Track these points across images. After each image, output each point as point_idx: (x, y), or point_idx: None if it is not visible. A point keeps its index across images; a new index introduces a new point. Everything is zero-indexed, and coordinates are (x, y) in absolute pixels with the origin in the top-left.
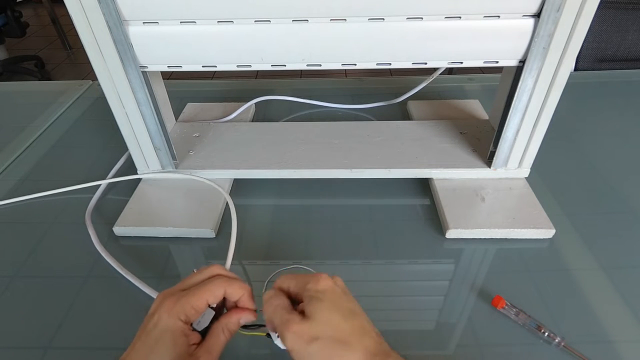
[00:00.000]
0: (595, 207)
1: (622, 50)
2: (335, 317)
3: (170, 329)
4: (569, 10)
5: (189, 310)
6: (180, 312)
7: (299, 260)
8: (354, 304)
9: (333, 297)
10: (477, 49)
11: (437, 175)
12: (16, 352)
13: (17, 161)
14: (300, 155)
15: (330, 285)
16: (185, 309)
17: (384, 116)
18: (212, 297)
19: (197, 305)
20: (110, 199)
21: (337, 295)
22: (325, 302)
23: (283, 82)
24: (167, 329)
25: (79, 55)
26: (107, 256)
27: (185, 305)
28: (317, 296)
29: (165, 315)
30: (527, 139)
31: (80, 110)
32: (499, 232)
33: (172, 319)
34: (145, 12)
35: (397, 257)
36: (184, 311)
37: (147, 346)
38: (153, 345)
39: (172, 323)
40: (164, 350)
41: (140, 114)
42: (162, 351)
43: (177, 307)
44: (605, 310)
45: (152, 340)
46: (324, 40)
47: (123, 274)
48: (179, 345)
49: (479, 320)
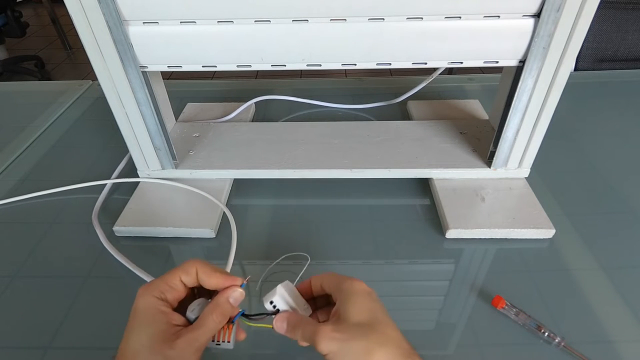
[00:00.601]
0: (595, 207)
1: (622, 50)
2: (372, 318)
3: (145, 306)
4: (569, 10)
5: (162, 286)
6: (154, 289)
7: (299, 261)
8: (385, 309)
9: (370, 298)
10: (477, 49)
11: (437, 175)
12: (17, 352)
13: (17, 161)
14: (300, 155)
15: (365, 288)
16: (159, 285)
17: (384, 116)
18: (184, 273)
19: (170, 281)
20: (112, 198)
21: (373, 298)
22: (360, 303)
23: (283, 82)
24: (142, 306)
25: (79, 55)
26: (118, 255)
27: (158, 283)
28: (353, 297)
29: (140, 297)
30: (527, 139)
31: (80, 110)
32: (499, 232)
33: (146, 297)
34: (145, 12)
35: (397, 257)
36: (158, 287)
37: (128, 329)
38: (132, 326)
39: (147, 300)
40: (142, 327)
41: (140, 114)
42: (140, 329)
43: (151, 286)
44: (605, 310)
45: (132, 322)
46: (324, 40)
47: (137, 273)
48: (157, 322)
49: (479, 320)
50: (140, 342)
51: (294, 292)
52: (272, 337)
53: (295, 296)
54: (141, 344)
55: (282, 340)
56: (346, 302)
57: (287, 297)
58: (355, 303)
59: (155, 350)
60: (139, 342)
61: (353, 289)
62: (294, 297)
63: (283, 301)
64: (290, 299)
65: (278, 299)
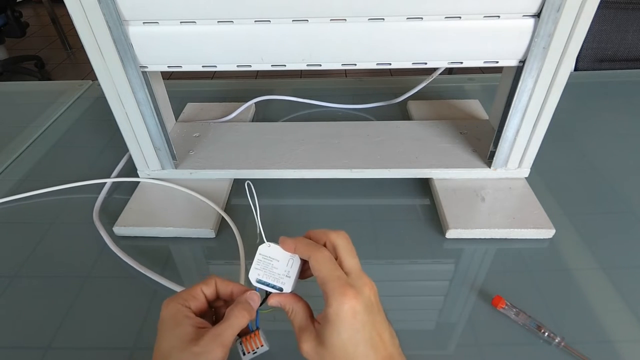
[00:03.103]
0: (595, 207)
1: (622, 50)
2: (350, 349)
3: (170, 313)
4: (569, 10)
5: (185, 296)
6: (178, 298)
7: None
8: (378, 329)
9: (353, 325)
10: (477, 49)
11: (437, 175)
12: (17, 352)
13: (17, 161)
14: (300, 155)
15: (354, 310)
16: (181, 295)
17: (384, 116)
18: (205, 285)
19: (193, 292)
20: (112, 198)
21: (359, 322)
22: (343, 333)
23: (283, 82)
24: (168, 314)
25: (79, 55)
26: (122, 255)
27: (181, 293)
28: (336, 322)
29: (165, 307)
30: (527, 139)
31: (80, 110)
32: (499, 232)
33: (171, 305)
34: (145, 12)
35: (397, 257)
36: (181, 296)
37: (157, 339)
38: (161, 333)
39: (171, 307)
40: (170, 332)
41: (140, 114)
42: (169, 333)
43: (175, 297)
44: (605, 310)
45: (160, 331)
46: (324, 40)
47: (141, 271)
48: (182, 324)
49: (479, 320)
50: (170, 345)
51: (274, 253)
52: (274, 337)
53: (276, 259)
54: (171, 346)
55: (283, 341)
56: (330, 327)
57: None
58: (339, 333)
59: (183, 349)
60: (169, 345)
61: (340, 313)
62: (275, 263)
63: (267, 275)
64: (272, 271)
65: (262, 274)
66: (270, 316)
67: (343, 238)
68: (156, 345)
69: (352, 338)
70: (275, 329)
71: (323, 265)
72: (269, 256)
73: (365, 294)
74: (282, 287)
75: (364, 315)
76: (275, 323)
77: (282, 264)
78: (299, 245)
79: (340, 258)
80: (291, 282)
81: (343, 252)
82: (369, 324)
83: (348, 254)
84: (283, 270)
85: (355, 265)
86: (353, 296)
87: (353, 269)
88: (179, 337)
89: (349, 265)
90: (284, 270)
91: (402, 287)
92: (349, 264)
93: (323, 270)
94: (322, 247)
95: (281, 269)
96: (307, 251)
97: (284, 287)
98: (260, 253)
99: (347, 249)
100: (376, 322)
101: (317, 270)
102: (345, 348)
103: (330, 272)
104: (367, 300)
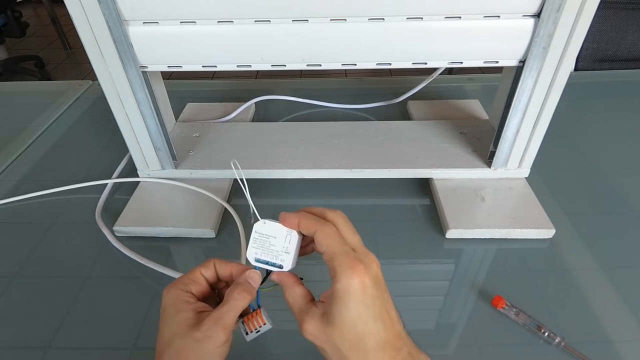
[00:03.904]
0: (595, 207)
1: (622, 50)
2: (360, 326)
3: (171, 300)
4: (569, 10)
5: (185, 280)
6: (177, 284)
7: (299, 260)
8: (387, 306)
9: (364, 301)
10: (477, 49)
11: (437, 175)
12: (17, 352)
13: (17, 161)
14: (300, 155)
15: (363, 285)
16: (181, 280)
17: (384, 116)
18: (204, 268)
19: (192, 276)
20: (112, 198)
21: (369, 297)
22: (352, 309)
23: (283, 82)
24: (168, 301)
25: (79, 55)
26: (130, 253)
27: (181, 278)
28: (346, 298)
29: (166, 293)
30: (527, 139)
31: (80, 110)
32: (499, 232)
33: (171, 291)
34: (145, 12)
35: (397, 257)
36: (181, 282)
37: (160, 326)
38: (163, 320)
39: (171, 294)
40: (170, 318)
41: (140, 114)
42: (170, 320)
43: (174, 283)
44: (605, 310)
45: (162, 318)
46: (324, 40)
47: (155, 268)
48: (183, 310)
49: (479, 320)
50: (172, 331)
51: (271, 230)
52: (274, 338)
53: (273, 236)
54: (172, 332)
55: (284, 341)
56: (339, 303)
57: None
58: (348, 309)
59: (185, 335)
60: (171, 332)
61: (349, 288)
62: (273, 241)
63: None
64: (269, 248)
65: (259, 252)
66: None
67: (341, 216)
68: (159, 334)
69: (362, 314)
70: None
71: (331, 239)
72: (265, 233)
73: (373, 269)
74: (282, 264)
75: (373, 290)
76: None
77: (279, 240)
78: (303, 220)
79: (343, 235)
80: (290, 258)
81: (344, 229)
82: (378, 299)
83: (349, 231)
84: (281, 247)
85: (358, 242)
86: (363, 271)
87: (357, 245)
88: (180, 324)
89: (353, 241)
90: (282, 246)
91: (402, 287)
92: (352, 240)
93: (332, 244)
94: (327, 222)
95: (279, 245)
96: (312, 226)
97: (284, 263)
98: (256, 231)
99: (347, 226)
100: (384, 298)
101: (325, 245)
102: (355, 325)
103: (340, 246)
104: (375, 275)
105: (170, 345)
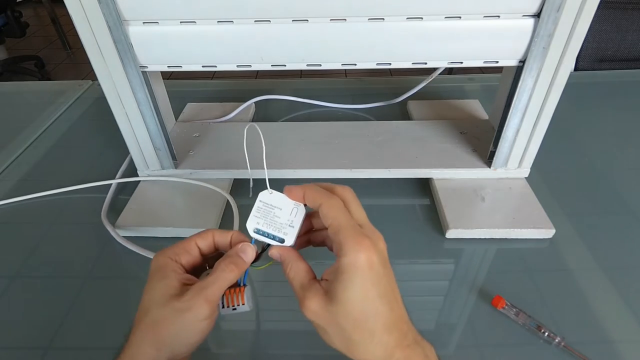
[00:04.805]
0: (595, 207)
1: (622, 50)
2: (365, 305)
3: (158, 266)
4: (569, 10)
5: (177, 249)
6: (169, 251)
7: None
8: (392, 285)
9: (370, 277)
10: (477, 49)
11: (437, 175)
12: (17, 352)
13: (17, 161)
14: (300, 155)
15: (370, 261)
16: (173, 248)
17: (384, 116)
18: (200, 239)
19: (186, 246)
20: (116, 199)
21: (375, 274)
22: (358, 285)
23: (283, 82)
24: (155, 266)
25: (79, 55)
26: (140, 251)
27: (174, 247)
28: (352, 274)
29: (155, 258)
30: (527, 139)
31: (80, 110)
32: (499, 232)
33: (160, 257)
34: (145, 12)
35: (397, 257)
36: (173, 250)
37: (144, 291)
38: (147, 286)
39: (160, 260)
40: (154, 285)
41: (140, 114)
42: (153, 286)
43: (166, 249)
44: (605, 310)
45: (147, 283)
46: (324, 40)
47: None
48: (167, 278)
49: (479, 320)
50: (151, 299)
51: (277, 201)
52: (275, 338)
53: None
54: (151, 300)
55: (285, 341)
56: (345, 279)
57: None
58: (354, 285)
59: (164, 304)
60: (150, 299)
61: (356, 263)
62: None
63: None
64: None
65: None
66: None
67: (350, 192)
68: (142, 299)
69: (368, 292)
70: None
71: (338, 212)
72: (270, 204)
73: (380, 246)
74: (284, 237)
75: (380, 267)
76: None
77: (285, 212)
78: (309, 192)
79: (350, 211)
80: (294, 232)
81: (352, 204)
82: (384, 277)
83: (357, 207)
84: (286, 220)
85: (366, 219)
86: (370, 246)
87: (364, 221)
88: (162, 291)
89: (360, 217)
90: (287, 219)
91: (401, 287)
92: (359, 216)
93: (338, 217)
94: (334, 195)
95: (284, 217)
96: (318, 198)
97: (286, 237)
98: (261, 200)
99: (356, 202)
100: (391, 278)
101: (331, 218)
102: (360, 303)
103: (346, 220)
104: (382, 253)
105: (147, 314)
